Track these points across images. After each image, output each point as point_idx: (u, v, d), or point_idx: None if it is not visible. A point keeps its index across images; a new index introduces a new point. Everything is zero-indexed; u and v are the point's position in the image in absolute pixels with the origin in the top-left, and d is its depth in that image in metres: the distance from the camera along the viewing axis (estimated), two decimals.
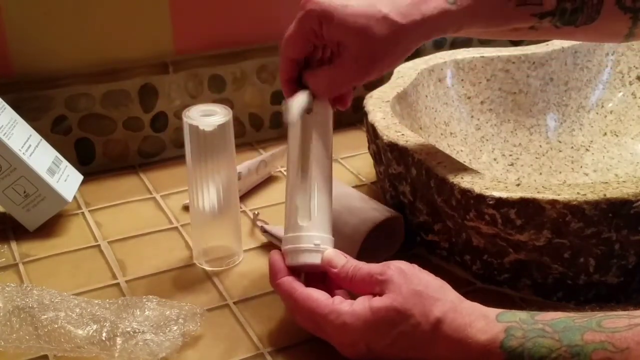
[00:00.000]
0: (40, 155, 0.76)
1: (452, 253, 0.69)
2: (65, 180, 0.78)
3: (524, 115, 0.88)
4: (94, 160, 0.88)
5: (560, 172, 0.85)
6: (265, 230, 0.73)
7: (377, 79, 0.96)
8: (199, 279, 0.69)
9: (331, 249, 0.60)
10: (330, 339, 0.57)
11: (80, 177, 0.81)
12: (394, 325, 0.53)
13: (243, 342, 0.61)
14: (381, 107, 0.76)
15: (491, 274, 0.66)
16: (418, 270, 0.56)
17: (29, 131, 0.77)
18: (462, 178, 0.63)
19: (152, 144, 0.90)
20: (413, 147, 0.68)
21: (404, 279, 0.54)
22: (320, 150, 0.61)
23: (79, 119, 0.85)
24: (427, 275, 0.56)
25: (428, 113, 0.83)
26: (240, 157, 0.77)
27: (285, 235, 0.61)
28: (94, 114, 0.86)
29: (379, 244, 0.69)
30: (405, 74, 0.84)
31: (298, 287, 0.58)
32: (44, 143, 0.78)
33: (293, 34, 0.60)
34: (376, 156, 0.75)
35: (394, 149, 0.70)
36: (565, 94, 0.89)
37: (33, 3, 0.80)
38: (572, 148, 0.87)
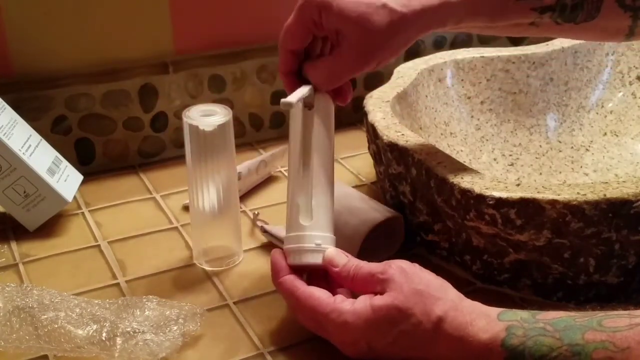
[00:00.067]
0: (40, 155, 0.76)
1: (452, 253, 0.69)
2: (65, 180, 0.78)
3: (524, 115, 0.88)
4: (94, 160, 0.88)
5: (560, 172, 0.85)
6: (265, 230, 0.73)
7: (378, 80, 0.97)
8: (199, 279, 0.69)
9: (332, 248, 0.60)
10: (332, 337, 0.57)
11: (80, 177, 0.81)
12: (395, 324, 0.53)
13: (243, 342, 0.61)
14: (381, 107, 0.76)
15: (491, 274, 0.66)
16: (419, 269, 0.56)
17: (29, 131, 0.77)
18: (462, 178, 0.63)
19: (152, 144, 0.90)
20: (413, 147, 0.68)
21: (405, 278, 0.54)
22: (322, 147, 0.61)
23: (79, 119, 0.85)
24: (428, 274, 0.56)
25: (428, 113, 0.83)
26: (240, 157, 0.77)
27: (287, 234, 0.61)
28: (94, 114, 0.86)
29: (379, 244, 0.69)
30: (405, 74, 0.84)
31: (300, 286, 0.58)
32: (44, 143, 0.78)
33: (292, 24, 0.60)
34: (376, 156, 0.75)
35: (394, 149, 0.70)
36: (565, 94, 0.89)
37: (33, 3, 0.80)
38: (572, 148, 0.87)
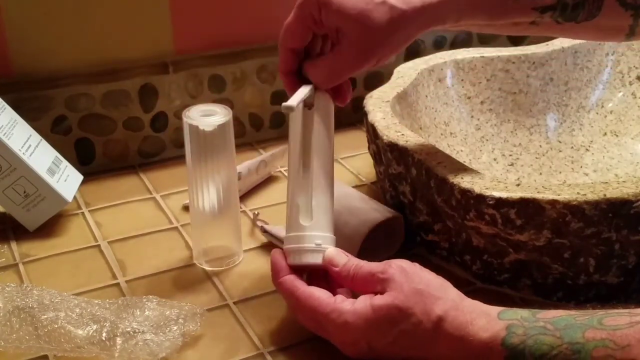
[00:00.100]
0: (40, 155, 0.76)
1: (452, 253, 0.69)
2: (65, 180, 0.78)
3: (524, 115, 0.88)
4: (94, 160, 0.88)
5: (560, 172, 0.85)
6: (265, 230, 0.73)
7: (378, 80, 0.97)
8: (199, 279, 0.69)
9: (332, 247, 0.60)
10: (332, 337, 0.57)
11: (80, 177, 0.81)
12: (395, 324, 0.53)
13: (243, 342, 0.61)
14: (381, 107, 0.76)
15: (491, 274, 0.66)
16: (419, 268, 0.56)
17: (29, 131, 0.77)
18: (462, 178, 0.63)
19: (152, 144, 0.90)
20: (413, 147, 0.68)
21: (405, 278, 0.54)
22: (321, 147, 0.61)
23: (79, 119, 0.85)
24: (429, 273, 0.56)
25: (428, 113, 0.83)
26: (240, 157, 0.77)
27: (287, 234, 0.61)
28: (94, 114, 0.86)
29: (379, 244, 0.69)
30: (405, 74, 0.84)
31: (300, 286, 0.57)
32: (44, 143, 0.78)
33: (292, 22, 0.60)
34: (376, 156, 0.75)
35: (394, 149, 0.70)
36: (565, 94, 0.89)
37: (33, 3, 0.80)
38: (572, 148, 0.87)
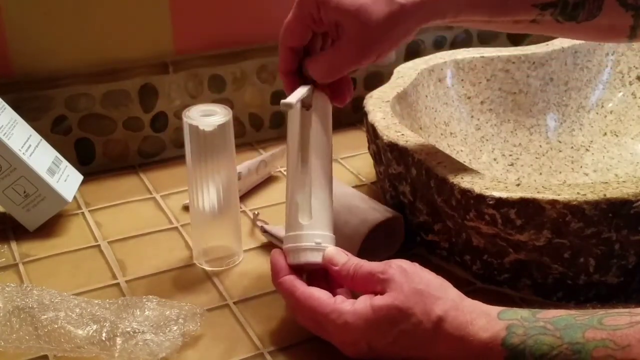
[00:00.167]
0: (40, 155, 0.76)
1: (452, 253, 0.69)
2: (65, 180, 0.78)
3: (524, 115, 0.88)
4: (94, 160, 0.88)
5: (560, 172, 0.85)
6: (265, 230, 0.73)
7: (378, 80, 0.97)
8: (199, 279, 0.69)
9: (332, 246, 0.60)
10: (332, 338, 0.57)
11: (80, 177, 0.81)
12: (395, 324, 0.53)
13: (243, 342, 0.61)
14: (381, 107, 0.76)
15: (491, 274, 0.66)
16: (419, 268, 0.56)
17: (29, 131, 0.77)
18: (462, 178, 0.63)
19: (152, 144, 0.90)
20: (413, 147, 0.68)
21: (405, 278, 0.54)
22: (320, 146, 0.61)
23: (79, 119, 0.85)
24: (429, 273, 0.56)
25: (428, 113, 0.83)
26: (240, 157, 0.77)
27: (286, 234, 0.61)
28: (94, 114, 0.86)
29: (379, 244, 0.69)
30: (405, 74, 0.84)
31: (300, 286, 0.57)
32: (44, 143, 0.78)
33: (291, 21, 0.60)
34: (376, 156, 0.75)
35: (394, 149, 0.70)
36: (565, 94, 0.89)
37: (33, 3, 0.80)
38: (572, 148, 0.87)
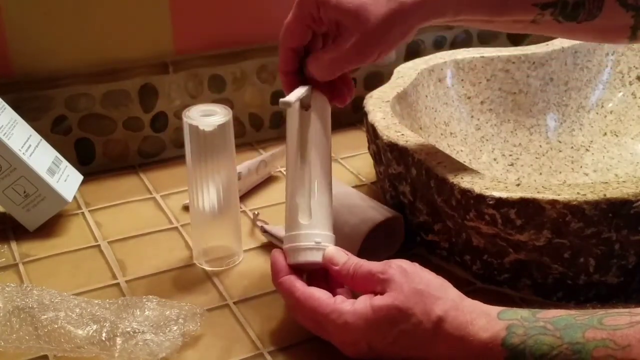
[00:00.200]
0: (40, 155, 0.76)
1: (452, 253, 0.69)
2: (65, 180, 0.78)
3: (524, 115, 0.88)
4: (94, 160, 0.88)
5: (560, 172, 0.85)
6: (265, 230, 0.73)
7: (378, 80, 0.97)
8: (199, 279, 0.69)
9: (332, 246, 0.60)
10: (332, 338, 0.57)
11: (80, 177, 0.81)
12: (395, 324, 0.53)
13: (243, 342, 0.61)
14: (381, 107, 0.76)
15: (491, 274, 0.66)
16: (419, 268, 0.56)
17: (29, 131, 0.77)
18: (462, 178, 0.63)
19: (152, 144, 0.90)
20: (413, 147, 0.68)
21: (405, 278, 0.54)
22: (319, 146, 0.61)
23: (79, 119, 0.85)
24: (429, 273, 0.56)
25: (428, 113, 0.83)
26: (240, 157, 0.77)
27: (286, 234, 0.61)
28: (94, 114, 0.86)
29: (379, 243, 0.69)
30: (405, 74, 0.84)
31: (300, 287, 0.58)
32: (44, 143, 0.78)
33: (292, 21, 0.60)
34: (376, 156, 0.75)
35: (394, 149, 0.70)
36: (565, 94, 0.89)
37: (33, 3, 0.80)
38: (572, 148, 0.87)
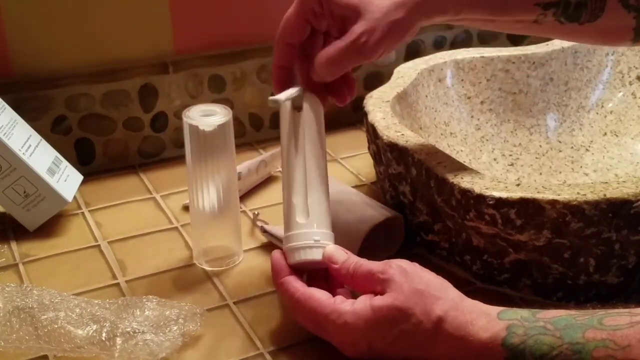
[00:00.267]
0: (40, 155, 0.76)
1: (452, 253, 0.69)
2: (65, 180, 0.78)
3: (524, 115, 0.88)
4: (94, 160, 0.88)
5: (560, 172, 0.85)
6: (265, 230, 0.73)
7: (378, 80, 0.97)
8: (199, 279, 0.69)
9: (332, 245, 0.60)
10: (332, 338, 0.57)
11: (80, 177, 0.81)
12: (395, 324, 0.53)
13: (243, 342, 0.61)
14: (381, 107, 0.76)
15: (491, 274, 0.66)
16: (419, 268, 0.56)
17: (29, 131, 0.77)
18: (462, 178, 0.63)
19: (152, 144, 0.90)
20: (413, 147, 0.68)
21: (405, 278, 0.54)
22: (313, 147, 0.61)
23: (79, 119, 0.85)
24: (429, 273, 0.56)
25: (428, 113, 0.83)
26: (240, 157, 0.77)
27: (285, 234, 0.61)
28: (94, 114, 0.86)
29: (379, 243, 0.69)
30: (405, 74, 0.84)
31: (300, 287, 0.58)
32: (44, 143, 0.78)
33: (292, 15, 0.60)
34: (376, 156, 0.75)
35: (394, 149, 0.70)
36: (565, 94, 0.89)
37: (33, 3, 0.80)
38: (572, 148, 0.87)
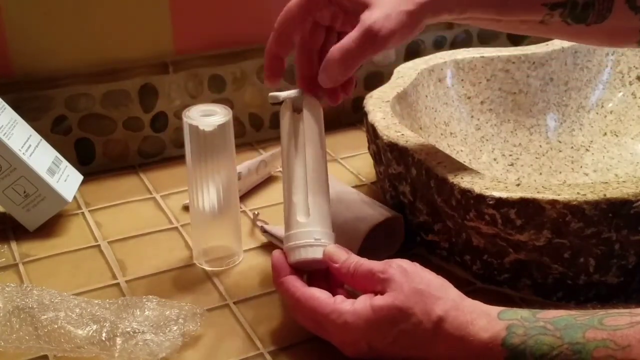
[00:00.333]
0: (40, 155, 0.76)
1: (452, 253, 0.69)
2: (65, 180, 0.78)
3: (524, 115, 0.88)
4: (94, 160, 0.88)
5: (560, 172, 0.85)
6: (265, 230, 0.73)
7: (378, 80, 0.97)
8: (199, 279, 0.69)
9: (332, 244, 0.60)
10: (332, 338, 0.57)
11: (80, 177, 0.81)
12: (395, 324, 0.53)
13: (243, 342, 0.61)
14: (381, 107, 0.76)
15: (491, 274, 0.66)
16: (420, 268, 0.56)
17: (29, 131, 0.77)
18: (462, 178, 0.63)
19: (152, 144, 0.90)
20: (413, 147, 0.68)
21: (406, 278, 0.54)
22: (313, 147, 0.62)
23: (79, 119, 0.85)
24: (429, 273, 0.56)
25: (428, 113, 0.83)
26: (240, 157, 0.77)
27: (286, 233, 0.61)
28: (94, 114, 0.86)
29: (379, 243, 0.69)
30: (405, 74, 0.84)
31: (300, 287, 0.58)
32: (44, 143, 0.78)
33: (294, 5, 0.60)
34: (376, 156, 0.75)
35: (394, 149, 0.70)
36: (565, 94, 0.89)
37: (33, 3, 0.80)
38: (572, 148, 0.87)
